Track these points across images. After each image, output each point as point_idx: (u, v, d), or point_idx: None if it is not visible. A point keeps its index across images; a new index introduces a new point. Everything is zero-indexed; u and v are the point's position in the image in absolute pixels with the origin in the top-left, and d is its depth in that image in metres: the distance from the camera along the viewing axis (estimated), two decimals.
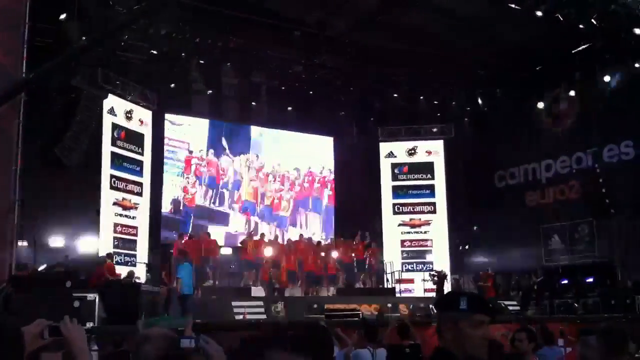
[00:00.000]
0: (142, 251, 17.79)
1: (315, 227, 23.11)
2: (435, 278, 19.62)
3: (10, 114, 13.35)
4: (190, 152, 21.04)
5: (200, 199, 21.03)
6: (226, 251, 19.62)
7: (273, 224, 22.07)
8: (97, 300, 11.95)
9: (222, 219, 21.26)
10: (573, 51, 19.81)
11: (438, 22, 18.43)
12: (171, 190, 20.38)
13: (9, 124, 13.50)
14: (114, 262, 15.56)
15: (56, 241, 16.27)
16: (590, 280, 19.51)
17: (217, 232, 19.78)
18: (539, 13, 17.63)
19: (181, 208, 20.52)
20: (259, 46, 20.10)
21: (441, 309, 2.78)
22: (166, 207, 20.07)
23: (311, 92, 22.18)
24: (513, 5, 17.33)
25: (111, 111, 17.56)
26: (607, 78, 19.78)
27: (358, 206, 22.84)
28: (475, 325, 2.66)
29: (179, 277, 14.25)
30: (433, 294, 18.47)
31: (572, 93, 21.06)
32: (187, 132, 21.14)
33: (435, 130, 23.67)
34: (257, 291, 16.92)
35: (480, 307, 2.72)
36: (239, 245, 18.90)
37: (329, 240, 21.43)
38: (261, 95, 21.63)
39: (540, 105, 22.08)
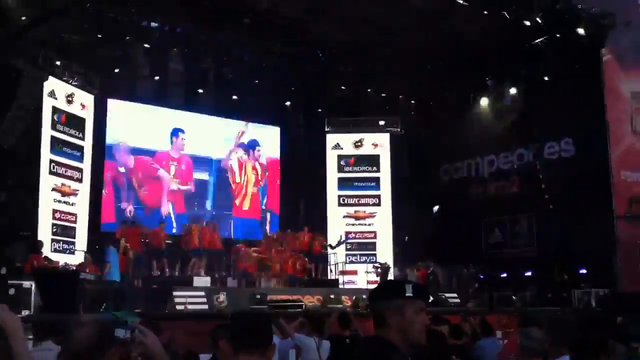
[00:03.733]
0: (81, 239, 17.39)
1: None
2: (379, 270, 19.78)
3: None
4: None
5: None
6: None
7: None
8: (33, 287, 11.63)
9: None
10: (518, 48, 20.15)
11: (387, 14, 18.50)
12: None
13: None
14: (52, 250, 15.19)
15: None
16: (529, 273, 19.99)
17: None
18: (485, 11, 17.95)
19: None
20: (206, 32, 19.80)
21: (385, 297, 2.79)
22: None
23: (257, 81, 21.94)
24: (461, 1, 17.48)
25: (52, 94, 17.06)
26: (549, 76, 20.21)
27: (303, 197, 22.84)
28: (418, 312, 2.75)
29: (108, 262, 13.97)
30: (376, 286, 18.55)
31: (514, 90, 21.47)
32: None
33: (382, 123, 23.78)
34: (200, 281, 16.71)
35: (422, 294, 2.83)
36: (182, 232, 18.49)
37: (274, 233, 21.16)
38: (208, 82, 21.37)
39: (484, 100, 22.47)
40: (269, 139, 23.55)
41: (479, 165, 22.95)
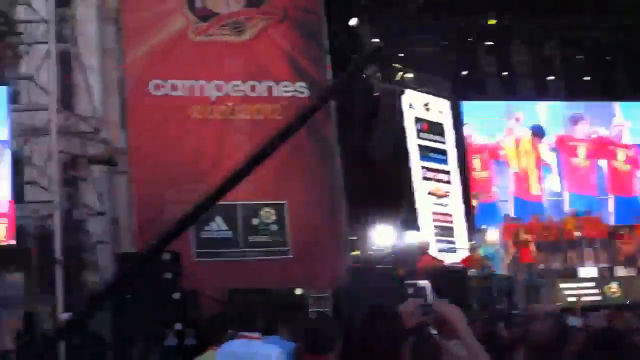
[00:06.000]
0: (459, 237, 17.82)
1: None
2: None
3: (323, 118, 14.37)
4: None
5: None
6: None
7: None
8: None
9: None
10: None
11: None
12: None
13: (324, 125, 14.57)
14: (438, 250, 16.00)
15: (379, 235, 16.99)
16: None
17: None
18: None
19: None
20: (547, 18, 19.23)
21: None
22: None
23: (608, 57, 20.49)
24: None
25: (410, 106, 17.94)
26: None
27: None
28: None
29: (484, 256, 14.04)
30: None
31: None
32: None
33: None
34: (585, 271, 16.06)
35: None
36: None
37: None
38: (556, 67, 20.65)
39: None
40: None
41: None
